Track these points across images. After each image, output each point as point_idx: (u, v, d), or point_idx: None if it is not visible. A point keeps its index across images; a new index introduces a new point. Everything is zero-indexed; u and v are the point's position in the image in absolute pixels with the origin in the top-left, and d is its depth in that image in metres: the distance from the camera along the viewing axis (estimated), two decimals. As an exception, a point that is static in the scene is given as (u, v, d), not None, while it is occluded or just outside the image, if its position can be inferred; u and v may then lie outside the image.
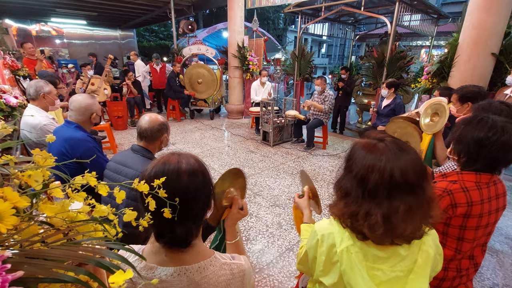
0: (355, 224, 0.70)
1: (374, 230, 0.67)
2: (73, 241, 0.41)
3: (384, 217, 0.65)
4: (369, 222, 0.67)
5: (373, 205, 0.67)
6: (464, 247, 1.13)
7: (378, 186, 0.66)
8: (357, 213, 0.69)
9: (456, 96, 2.12)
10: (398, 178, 0.65)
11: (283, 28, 22.80)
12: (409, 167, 0.66)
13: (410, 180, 0.65)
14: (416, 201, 0.66)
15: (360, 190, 0.69)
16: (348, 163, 0.75)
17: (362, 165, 0.69)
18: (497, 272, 2.08)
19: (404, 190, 0.66)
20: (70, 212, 0.42)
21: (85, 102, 1.82)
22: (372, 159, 0.68)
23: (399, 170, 0.65)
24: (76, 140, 1.77)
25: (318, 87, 4.50)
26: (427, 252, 0.72)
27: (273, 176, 3.61)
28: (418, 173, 0.67)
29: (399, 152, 0.67)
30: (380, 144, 0.70)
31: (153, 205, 0.54)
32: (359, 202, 0.69)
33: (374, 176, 0.66)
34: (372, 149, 0.70)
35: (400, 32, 5.65)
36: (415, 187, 0.66)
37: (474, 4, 3.25)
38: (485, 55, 3.28)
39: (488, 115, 1.07)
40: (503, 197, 1.14)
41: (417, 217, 0.67)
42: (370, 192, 0.67)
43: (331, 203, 0.81)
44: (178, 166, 0.65)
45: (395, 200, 0.66)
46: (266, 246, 2.28)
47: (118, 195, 0.49)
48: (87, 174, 0.47)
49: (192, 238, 0.67)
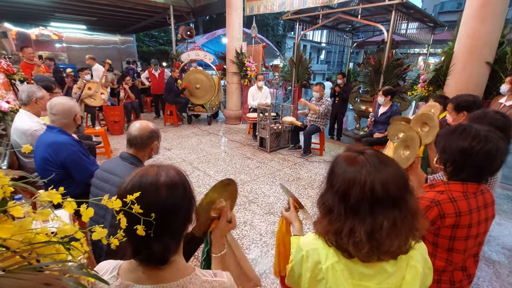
0: (340, 242, 0.68)
1: (359, 248, 0.65)
2: (31, 265, 0.39)
3: (368, 234, 0.63)
4: (354, 239, 0.64)
5: (357, 222, 0.65)
6: (455, 258, 1.11)
7: (360, 201, 0.64)
8: (341, 231, 0.66)
9: (451, 105, 2.12)
10: (379, 192, 0.62)
11: (282, 34, 23.01)
12: (390, 180, 0.64)
13: (392, 193, 0.63)
14: (400, 214, 0.64)
15: (342, 206, 0.67)
16: (329, 177, 0.73)
17: (343, 179, 0.67)
18: (493, 284, 2.04)
19: (386, 204, 0.63)
20: (29, 233, 0.39)
21: (68, 104, 1.80)
22: (352, 172, 0.66)
23: (379, 183, 0.63)
24: (59, 144, 1.74)
25: (316, 93, 4.50)
26: (415, 268, 0.69)
27: (269, 183, 3.58)
28: (399, 185, 0.65)
29: (379, 165, 0.65)
30: (360, 157, 0.67)
31: (124, 222, 0.51)
32: (342, 219, 0.67)
33: (355, 190, 0.64)
34: (352, 162, 0.68)
35: (397, 40, 5.69)
36: (397, 200, 0.64)
37: (469, 14, 3.27)
38: (480, 64, 3.30)
39: (471, 124, 1.07)
40: (492, 206, 1.13)
41: (402, 231, 0.65)
42: (352, 208, 0.65)
43: (315, 221, 0.78)
44: (156, 179, 0.63)
45: (378, 215, 0.63)
46: (259, 255, 2.23)
47: (84, 213, 0.47)
48: (51, 191, 0.44)
49: (170, 255, 0.63)
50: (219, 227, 0.95)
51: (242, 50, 6.45)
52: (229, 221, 0.96)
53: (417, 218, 0.67)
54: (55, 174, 1.78)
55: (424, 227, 0.69)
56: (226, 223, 0.95)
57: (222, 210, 0.96)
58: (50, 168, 1.76)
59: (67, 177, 1.83)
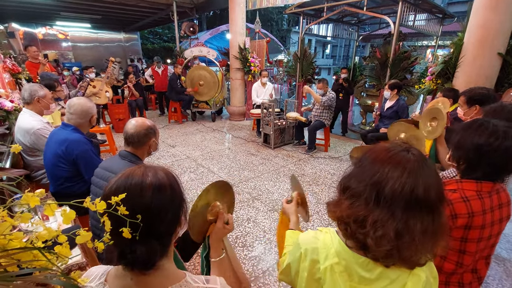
0: (359, 232, 0.62)
1: (380, 244, 0.59)
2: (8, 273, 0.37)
3: (397, 233, 0.58)
4: (377, 233, 0.59)
5: (386, 215, 0.59)
6: (465, 260, 1.06)
7: (396, 196, 0.58)
8: (364, 219, 0.60)
9: (463, 98, 2.03)
10: (420, 194, 0.58)
11: (287, 29, 22.73)
12: (432, 185, 0.59)
13: (432, 199, 0.59)
14: (433, 224, 0.59)
15: (373, 194, 0.61)
16: (363, 162, 0.67)
17: (381, 168, 0.61)
18: (504, 282, 1.98)
19: (423, 208, 0.59)
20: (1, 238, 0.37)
21: (86, 106, 1.87)
22: (394, 165, 0.61)
23: (422, 185, 0.58)
24: (72, 142, 1.80)
25: (320, 90, 4.43)
26: (418, 276, 0.65)
27: (273, 179, 3.55)
28: (439, 193, 0.60)
29: (425, 167, 0.60)
30: (406, 153, 0.63)
31: (108, 225, 0.49)
32: (370, 207, 0.61)
33: (393, 183, 0.59)
34: (395, 155, 0.62)
35: (405, 32, 5.54)
36: (434, 209, 0.60)
37: (480, 3, 3.14)
38: (491, 55, 3.17)
39: (489, 119, 1.00)
40: (507, 206, 1.07)
41: (429, 242, 0.60)
42: (385, 199, 0.59)
43: (329, 201, 0.71)
44: (141, 180, 0.60)
45: (412, 217, 0.58)
46: (263, 253, 2.22)
47: (65, 216, 0.44)
48: (28, 193, 0.42)
49: (156, 259, 0.60)
50: (216, 231, 0.93)
51: (246, 45, 6.38)
52: (226, 223, 0.94)
53: (445, 235, 0.62)
54: (65, 171, 1.82)
55: (445, 245, 0.63)
56: (223, 225, 0.93)
57: (218, 213, 0.94)
58: (61, 164, 1.81)
59: (76, 175, 1.88)
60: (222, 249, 0.93)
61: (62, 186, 1.88)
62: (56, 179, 1.88)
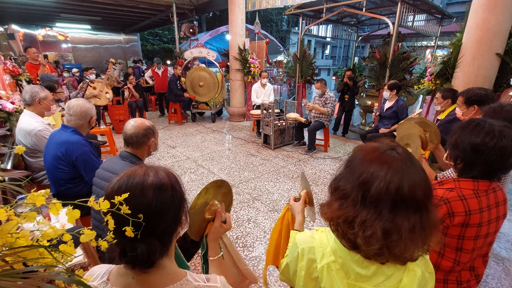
0: (349, 232, 0.63)
1: (369, 243, 0.60)
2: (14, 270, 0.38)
3: (384, 232, 0.59)
4: (366, 233, 0.60)
5: (373, 215, 0.60)
6: (463, 258, 1.07)
7: (382, 195, 0.59)
8: (353, 219, 0.61)
9: (461, 99, 2.05)
10: (406, 192, 0.58)
11: (287, 30, 22.76)
12: (418, 183, 0.59)
13: (418, 197, 0.59)
14: (420, 221, 0.60)
15: (359, 194, 0.62)
16: (351, 162, 0.67)
17: (367, 168, 0.62)
18: (502, 281, 1.99)
19: (409, 206, 0.59)
20: (8, 236, 0.38)
21: (85, 107, 1.88)
22: (379, 165, 0.61)
23: (407, 184, 0.58)
24: (71, 144, 1.81)
25: (318, 90, 4.45)
26: (414, 271, 0.66)
27: (273, 180, 3.56)
28: (425, 191, 0.61)
29: (410, 166, 0.61)
30: (391, 152, 0.63)
31: (111, 224, 0.50)
32: (357, 207, 0.62)
33: (378, 183, 0.59)
34: (381, 155, 0.63)
35: (404, 33, 5.56)
36: (421, 206, 0.60)
37: (478, 3, 3.16)
38: (490, 55, 3.19)
39: (485, 119, 1.01)
40: (504, 205, 1.08)
41: (419, 240, 0.60)
42: (371, 199, 0.60)
43: (322, 202, 0.72)
44: (143, 180, 0.61)
45: (398, 216, 0.59)
46: (263, 253, 2.22)
47: (70, 215, 0.46)
48: (33, 193, 0.43)
49: (156, 257, 0.61)
50: (213, 229, 0.94)
51: (245, 46, 6.40)
52: (223, 222, 0.95)
53: (435, 231, 0.63)
54: (65, 172, 1.83)
55: (438, 241, 0.64)
56: (221, 224, 0.94)
57: (216, 211, 0.95)
58: (61, 166, 1.82)
59: (77, 176, 1.89)
60: (220, 248, 0.93)
61: (63, 188, 1.89)
62: (56, 180, 1.89)
